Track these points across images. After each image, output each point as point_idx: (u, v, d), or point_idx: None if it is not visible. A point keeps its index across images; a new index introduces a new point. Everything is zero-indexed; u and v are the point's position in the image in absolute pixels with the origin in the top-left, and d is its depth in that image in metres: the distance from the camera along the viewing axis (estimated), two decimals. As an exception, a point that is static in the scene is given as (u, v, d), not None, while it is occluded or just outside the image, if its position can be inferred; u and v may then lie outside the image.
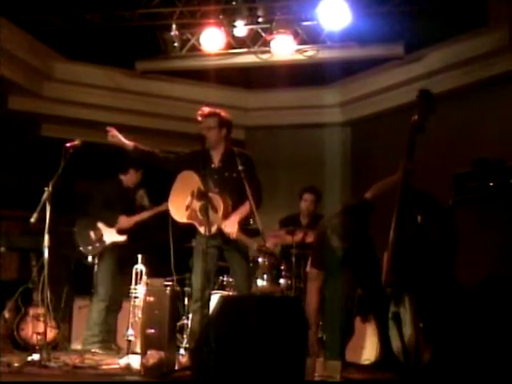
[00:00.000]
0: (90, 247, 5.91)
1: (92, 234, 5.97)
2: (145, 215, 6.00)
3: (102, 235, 5.94)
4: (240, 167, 4.76)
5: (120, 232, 5.98)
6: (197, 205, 4.88)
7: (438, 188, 4.45)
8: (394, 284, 3.89)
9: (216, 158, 5.00)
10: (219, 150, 5.00)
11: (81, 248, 5.93)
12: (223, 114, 5.00)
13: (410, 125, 4.06)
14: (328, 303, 4.75)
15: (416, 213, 3.97)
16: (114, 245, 5.96)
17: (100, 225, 5.98)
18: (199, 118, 4.98)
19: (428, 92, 4.16)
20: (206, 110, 5.00)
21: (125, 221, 5.98)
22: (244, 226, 4.86)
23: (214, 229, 4.76)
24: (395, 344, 3.90)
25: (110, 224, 5.97)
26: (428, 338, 3.79)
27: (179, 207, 4.98)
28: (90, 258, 5.88)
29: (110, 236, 5.96)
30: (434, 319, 3.80)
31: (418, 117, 4.07)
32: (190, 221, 4.92)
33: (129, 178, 6.21)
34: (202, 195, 4.81)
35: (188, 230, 5.08)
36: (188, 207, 4.91)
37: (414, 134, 4.05)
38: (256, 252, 4.76)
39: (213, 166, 4.98)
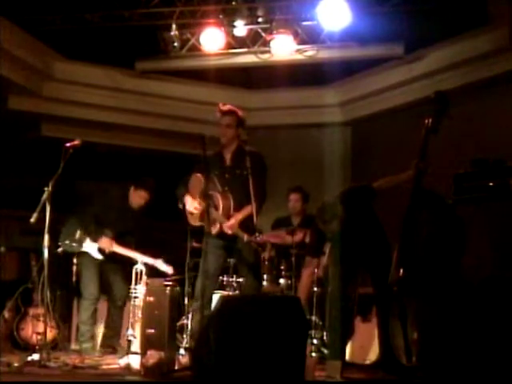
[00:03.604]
0: (67, 242, 5.67)
1: (78, 232, 5.70)
2: (127, 252, 5.63)
3: (84, 239, 5.68)
4: (248, 164, 4.79)
5: (100, 250, 5.70)
6: (203, 205, 4.92)
7: (438, 188, 4.45)
8: (400, 282, 3.90)
9: (227, 156, 5.06)
10: (231, 148, 5.05)
11: (60, 240, 5.68)
12: (240, 112, 5.06)
13: (423, 127, 4.07)
14: (328, 303, 4.78)
15: (425, 213, 4.00)
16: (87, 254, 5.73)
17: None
18: (218, 114, 5.00)
19: (443, 94, 4.15)
20: (226, 107, 5.03)
21: (107, 243, 5.69)
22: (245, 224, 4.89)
23: (217, 226, 4.79)
24: (398, 342, 3.90)
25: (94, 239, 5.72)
26: (431, 338, 3.80)
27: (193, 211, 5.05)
28: (60, 250, 5.65)
29: (90, 247, 5.69)
30: (439, 318, 3.81)
31: (432, 120, 4.07)
32: (201, 223, 4.98)
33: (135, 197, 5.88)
34: (204, 196, 4.88)
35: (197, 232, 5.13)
36: (198, 210, 4.97)
37: (427, 136, 4.06)
38: (247, 243, 4.80)
39: (225, 164, 5.04)
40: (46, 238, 4.90)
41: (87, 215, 5.76)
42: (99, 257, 5.69)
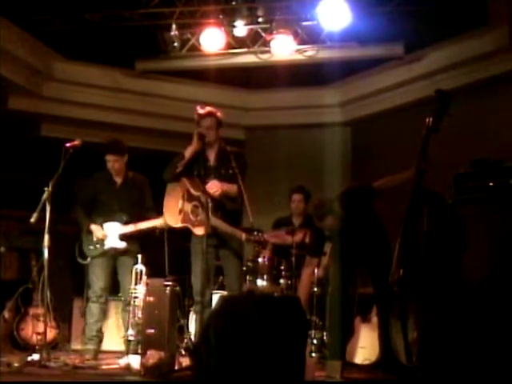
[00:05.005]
0: (91, 247, 5.54)
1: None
2: (144, 225, 5.47)
3: (104, 237, 5.51)
4: (234, 164, 4.82)
5: (122, 238, 5.53)
6: (188, 207, 4.94)
7: (438, 188, 4.45)
8: (401, 282, 3.90)
9: (211, 156, 5.07)
10: (214, 149, 5.07)
11: (83, 248, 5.56)
12: (219, 113, 5.07)
13: (424, 126, 4.07)
14: (328, 303, 4.79)
15: (426, 212, 4.00)
16: (112, 251, 5.52)
17: (106, 226, 5.55)
18: (197, 117, 5.02)
19: (444, 93, 4.15)
20: (205, 109, 5.04)
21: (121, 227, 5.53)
22: (228, 201, 4.90)
23: (209, 227, 4.77)
24: (398, 343, 3.90)
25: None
26: (431, 338, 3.80)
27: (173, 212, 5.04)
28: (88, 259, 5.51)
29: (111, 241, 5.50)
30: (439, 318, 3.81)
31: (432, 119, 4.06)
32: (184, 224, 4.96)
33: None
34: (191, 196, 4.91)
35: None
36: (181, 211, 4.97)
37: (428, 136, 4.05)
38: (246, 242, 4.80)
39: (209, 164, 5.02)
40: (46, 237, 4.89)
41: (80, 213, 5.64)
42: (123, 245, 5.49)
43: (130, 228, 5.50)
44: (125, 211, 5.56)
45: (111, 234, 5.52)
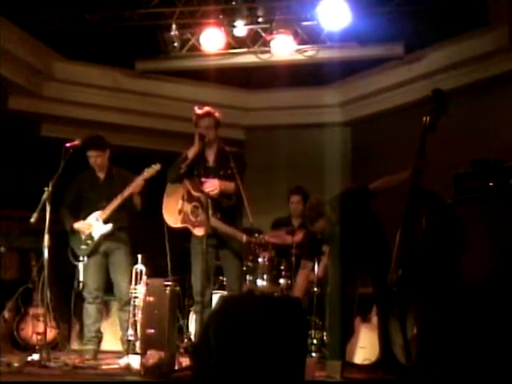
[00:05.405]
0: (82, 246, 5.47)
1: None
2: (120, 197, 5.43)
3: (90, 232, 5.47)
4: (233, 164, 4.83)
5: (105, 221, 5.47)
6: (188, 207, 4.95)
7: (438, 188, 4.45)
8: (400, 282, 3.91)
9: (210, 157, 5.07)
10: (213, 149, 5.07)
11: (75, 250, 5.50)
12: (217, 113, 5.07)
13: (421, 125, 4.07)
14: (328, 303, 4.79)
15: (424, 212, 4.00)
16: (103, 238, 5.47)
17: (89, 220, 5.50)
18: (195, 118, 5.01)
19: (441, 92, 4.15)
20: (203, 109, 5.04)
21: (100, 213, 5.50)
22: (224, 198, 4.90)
23: (209, 227, 4.77)
24: (397, 343, 3.91)
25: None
26: (431, 337, 3.80)
27: (172, 213, 5.05)
28: (85, 259, 5.42)
29: (98, 230, 5.46)
30: (438, 318, 3.82)
31: (429, 118, 4.06)
32: (183, 224, 4.97)
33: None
34: (191, 197, 4.93)
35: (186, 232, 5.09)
36: (180, 211, 4.97)
37: (425, 134, 4.05)
38: (246, 244, 4.81)
39: (208, 165, 5.03)
40: (46, 237, 4.90)
41: (66, 213, 5.59)
42: (109, 227, 5.45)
43: (109, 208, 5.45)
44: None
45: (94, 223, 5.48)
